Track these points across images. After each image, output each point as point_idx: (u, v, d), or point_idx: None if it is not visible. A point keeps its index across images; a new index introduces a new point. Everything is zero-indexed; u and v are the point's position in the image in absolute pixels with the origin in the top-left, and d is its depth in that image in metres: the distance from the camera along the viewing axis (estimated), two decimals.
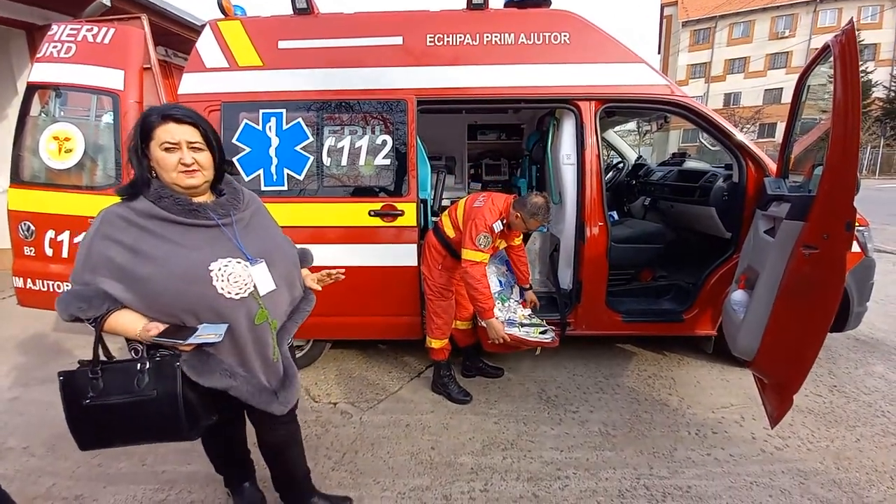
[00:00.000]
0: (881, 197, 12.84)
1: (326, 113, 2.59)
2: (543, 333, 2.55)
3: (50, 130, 2.67)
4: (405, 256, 2.63)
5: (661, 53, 37.25)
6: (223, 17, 2.62)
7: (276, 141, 2.57)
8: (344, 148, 2.59)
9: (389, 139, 2.59)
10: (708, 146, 3.51)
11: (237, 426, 1.66)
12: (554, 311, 2.84)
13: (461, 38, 2.56)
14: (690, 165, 3.94)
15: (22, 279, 2.78)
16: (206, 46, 2.60)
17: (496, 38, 2.56)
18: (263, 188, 2.57)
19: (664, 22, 36.40)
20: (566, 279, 2.95)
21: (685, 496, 1.87)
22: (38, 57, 2.70)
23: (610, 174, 4.50)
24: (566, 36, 2.56)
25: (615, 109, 2.95)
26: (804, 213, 1.84)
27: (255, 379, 1.33)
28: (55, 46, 2.67)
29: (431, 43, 2.57)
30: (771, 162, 2.64)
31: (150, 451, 2.13)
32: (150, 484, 1.97)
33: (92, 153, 2.71)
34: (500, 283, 2.78)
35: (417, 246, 2.63)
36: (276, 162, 2.58)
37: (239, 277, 1.24)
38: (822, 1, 29.04)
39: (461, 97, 2.61)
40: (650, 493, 1.89)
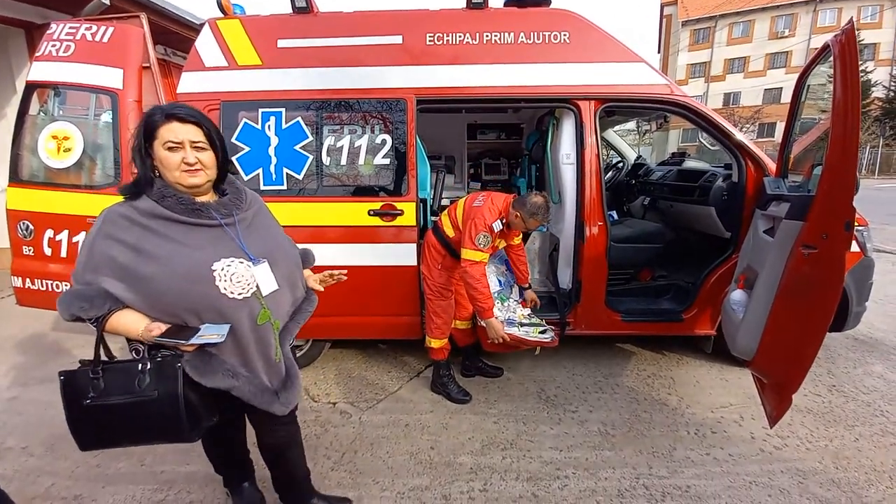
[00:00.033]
0: (880, 197, 12.85)
1: (326, 112, 2.58)
2: (543, 333, 2.55)
3: (49, 129, 2.67)
4: (405, 256, 2.63)
5: (660, 53, 37.28)
6: (222, 15, 2.62)
7: (275, 140, 2.57)
8: (343, 147, 2.59)
9: (389, 138, 2.58)
10: (707, 146, 3.52)
11: (238, 427, 1.66)
12: (553, 310, 2.84)
13: (461, 37, 2.56)
14: (690, 165, 3.94)
15: (20, 279, 2.78)
16: (205, 45, 2.60)
17: (496, 37, 2.56)
18: (262, 187, 2.57)
19: (664, 21, 36.42)
20: (565, 279, 2.95)
21: (684, 496, 1.88)
22: (36, 56, 2.70)
23: (609, 174, 4.49)
24: (566, 35, 2.56)
25: (615, 109, 2.95)
26: (803, 212, 1.84)
27: (257, 379, 1.33)
28: (54, 45, 2.66)
29: (431, 42, 2.57)
30: (770, 161, 2.64)
31: (148, 451, 2.13)
32: (148, 484, 1.97)
33: (91, 152, 2.70)
34: (499, 282, 2.77)
35: (417, 245, 2.63)
36: (275, 161, 2.58)
37: (242, 277, 1.24)
38: (821, 1, 29.05)
39: (461, 96, 2.61)
40: (649, 492, 1.90)
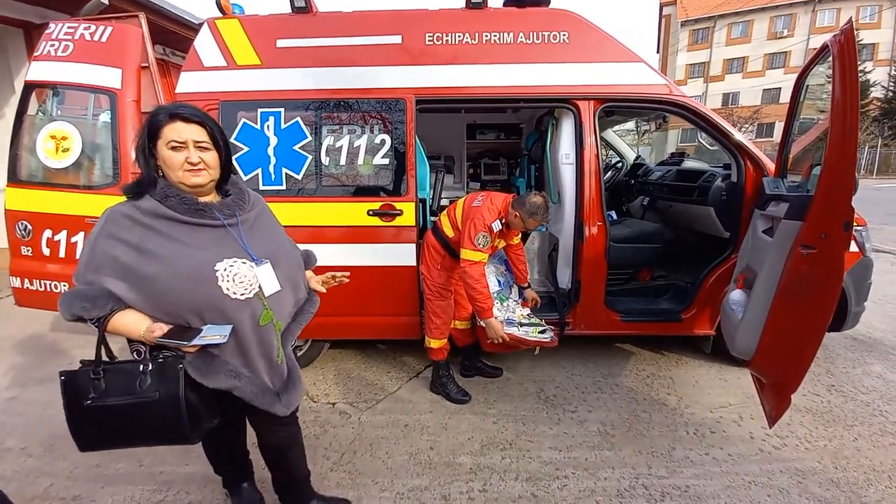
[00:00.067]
0: (879, 196, 12.87)
1: (325, 112, 2.58)
2: (542, 333, 2.55)
3: (47, 129, 2.66)
4: (404, 256, 2.63)
5: (659, 53, 37.29)
6: (221, 15, 2.61)
7: (274, 140, 2.57)
8: (342, 147, 2.59)
9: (388, 138, 2.58)
10: (706, 146, 3.52)
11: (238, 429, 1.66)
12: (553, 310, 2.84)
13: (460, 37, 2.56)
14: (689, 165, 3.94)
15: (19, 279, 2.77)
16: (204, 45, 2.59)
17: (495, 37, 2.56)
18: (262, 187, 2.57)
19: (663, 21, 36.44)
20: (565, 279, 2.95)
21: (683, 495, 1.88)
22: (35, 55, 2.69)
23: (609, 174, 4.49)
24: (565, 35, 2.56)
25: (614, 109, 2.95)
26: (802, 212, 1.84)
27: (259, 380, 1.33)
28: (52, 45, 2.66)
29: (430, 42, 2.56)
30: (769, 161, 2.64)
31: (147, 451, 2.12)
32: (147, 485, 1.97)
33: (89, 152, 2.70)
34: (498, 282, 2.77)
35: (416, 245, 2.63)
36: (274, 161, 2.58)
37: (244, 278, 1.24)
38: (820, 1, 29.09)
39: (460, 96, 2.61)
40: (649, 492, 1.90)
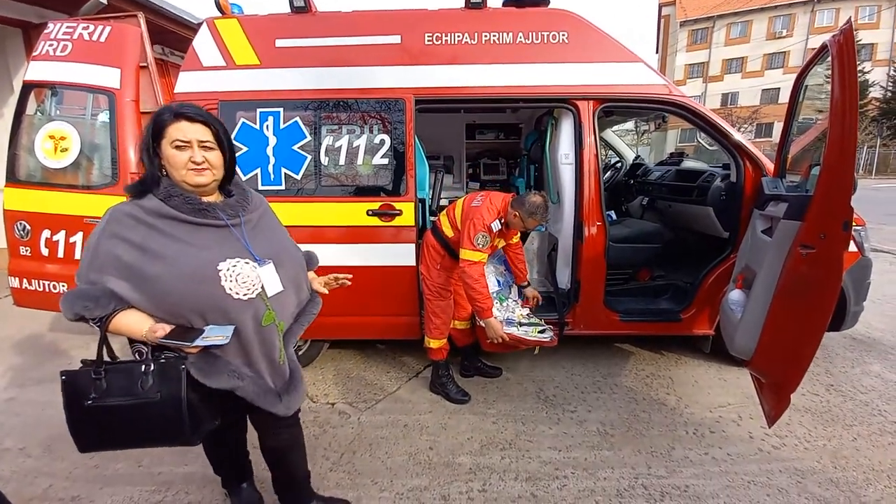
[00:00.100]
0: (878, 196, 12.89)
1: (324, 112, 2.58)
2: (542, 332, 2.55)
3: (46, 129, 2.66)
4: (403, 256, 2.63)
5: (658, 53, 37.32)
6: (220, 15, 2.61)
7: (273, 140, 2.56)
8: (342, 147, 2.59)
9: (387, 138, 2.58)
10: (706, 146, 3.52)
11: (240, 429, 1.65)
12: (552, 310, 2.84)
13: (459, 37, 2.56)
14: (688, 165, 3.94)
15: (18, 279, 2.77)
16: (203, 45, 2.59)
17: (494, 37, 2.56)
18: (261, 187, 2.56)
19: (662, 22, 36.48)
20: (564, 279, 2.95)
21: (683, 495, 1.88)
22: (34, 55, 2.69)
23: (608, 174, 4.49)
24: (564, 35, 2.56)
25: (613, 109, 2.95)
26: (801, 212, 1.84)
27: (261, 380, 1.33)
28: (51, 45, 2.65)
29: (429, 42, 2.56)
30: (768, 161, 2.64)
31: (146, 452, 2.11)
32: (146, 485, 1.96)
33: (88, 152, 2.69)
34: (498, 282, 2.77)
35: (416, 246, 2.62)
36: (273, 161, 2.58)
37: (247, 278, 1.23)
38: (819, 1, 29.13)
39: (459, 96, 2.61)
40: (648, 492, 1.90)
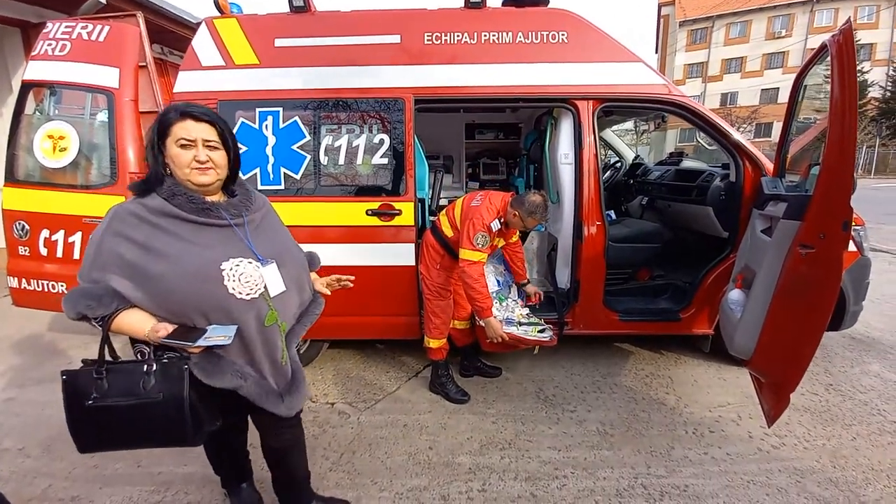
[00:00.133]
0: (877, 196, 12.91)
1: (323, 112, 2.58)
2: (541, 332, 2.55)
3: (44, 129, 2.65)
4: (403, 256, 2.63)
5: (658, 53, 37.31)
6: (219, 14, 2.61)
7: (272, 140, 2.56)
8: (341, 147, 2.58)
9: (387, 138, 2.58)
10: (705, 145, 3.52)
11: (241, 429, 1.65)
12: (552, 310, 2.84)
13: (459, 36, 2.56)
14: (688, 165, 3.94)
15: (17, 279, 2.76)
16: (202, 44, 2.59)
17: (494, 36, 2.56)
18: (260, 187, 2.56)
19: (661, 21, 36.48)
20: (564, 278, 2.95)
21: (682, 495, 1.88)
22: (32, 55, 2.69)
23: (608, 173, 4.49)
24: (564, 35, 2.56)
25: (613, 109, 2.95)
26: (801, 212, 1.84)
27: (263, 381, 1.33)
28: (50, 44, 2.65)
29: (429, 41, 2.56)
30: (768, 161, 2.64)
31: (146, 452, 2.10)
32: (146, 485, 1.96)
33: (87, 152, 2.69)
34: (498, 282, 2.77)
35: (415, 245, 2.62)
36: (272, 161, 2.57)
37: (250, 278, 1.23)
38: (818, 1, 29.14)
39: (459, 96, 2.61)
40: (648, 492, 1.90)
